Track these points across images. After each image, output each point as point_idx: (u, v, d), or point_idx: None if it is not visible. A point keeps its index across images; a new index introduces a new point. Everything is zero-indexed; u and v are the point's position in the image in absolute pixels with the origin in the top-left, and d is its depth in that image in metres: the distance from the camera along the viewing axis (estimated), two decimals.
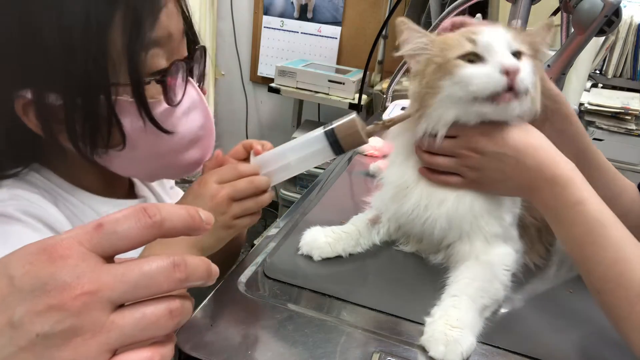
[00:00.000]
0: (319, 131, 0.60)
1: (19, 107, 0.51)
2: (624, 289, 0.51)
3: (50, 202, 0.57)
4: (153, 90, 0.53)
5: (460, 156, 0.62)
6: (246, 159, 0.65)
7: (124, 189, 0.70)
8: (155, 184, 0.78)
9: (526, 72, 0.57)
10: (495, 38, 0.59)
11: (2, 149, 0.56)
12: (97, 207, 0.61)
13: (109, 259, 0.28)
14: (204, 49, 0.62)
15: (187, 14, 0.59)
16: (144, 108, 0.52)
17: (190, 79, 0.58)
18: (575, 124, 0.68)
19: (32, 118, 0.51)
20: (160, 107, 0.54)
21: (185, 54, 0.58)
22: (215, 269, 0.30)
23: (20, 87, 0.50)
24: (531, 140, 0.60)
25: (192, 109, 0.59)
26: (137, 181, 0.74)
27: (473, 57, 0.59)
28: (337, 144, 0.59)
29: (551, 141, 0.61)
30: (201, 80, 0.63)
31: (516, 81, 0.56)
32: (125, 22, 0.49)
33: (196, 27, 0.62)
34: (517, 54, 0.59)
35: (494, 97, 0.57)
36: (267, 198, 0.61)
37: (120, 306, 0.27)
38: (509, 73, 0.56)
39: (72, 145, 0.53)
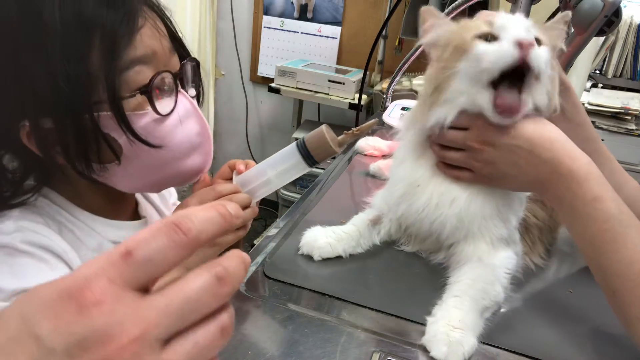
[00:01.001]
0: (292, 145, 0.62)
1: (23, 135, 0.54)
2: None
3: (55, 231, 0.58)
4: (140, 103, 0.55)
5: (472, 149, 0.61)
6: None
7: (130, 209, 0.72)
8: (157, 201, 0.79)
9: (543, 54, 0.56)
10: (512, 20, 0.58)
11: (13, 177, 0.58)
12: (101, 229, 0.63)
13: (144, 289, 0.24)
14: (196, 62, 0.63)
15: (174, 30, 0.61)
16: (124, 122, 0.54)
17: (181, 89, 0.60)
18: (582, 112, 0.68)
19: (34, 144, 0.54)
20: (149, 118, 0.56)
21: (177, 68, 0.60)
22: (248, 259, 0.27)
23: (20, 118, 0.53)
24: (546, 133, 0.58)
25: (187, 117, 0.60)
26: (140, 200, 0.75)
27: (490, 38, 0.58)
28: (310, 156, 0.61)
29: (560, 129, 0.59)
30: (198, 97, 0.65)
31: (530, 55, 0.54)
32: (102, 45, 0.51)
33: (189, 37, 0.63)
34: (536, 41, 0.58)
35: (500, 109, 0.56)
36: (249, 214, 0.64)
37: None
38: (522, 46, 0.54)
39: (70, 164, 0.55)
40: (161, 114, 0.56)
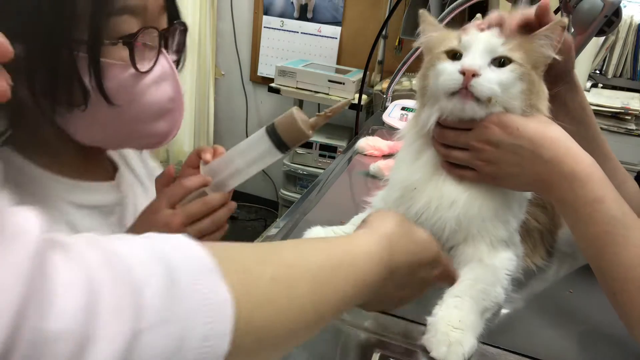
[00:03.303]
0: (262, 131, 0.57)
1: None
2: None
3: None
4: (121, 54, 0.53)
5: (475, 149, 0.61)
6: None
7: (104, 172, 0.68)
8: (139, 170, 0.76)
9: (491, 80, 0.57)
10: (477, 39, 0.59)
11: None
12: (67, 194, 0.59)
13: None
14: (183, 24, 0.61)
15: None
16: (94, 68, 0.52)
17: (163, 50, 0.58)
18: (589, 112, 0.69)
19: None
20: (126, 72, 0.54)
21: (164, 27, 0.58)
22: None
23: None
24: (548, 132, 0.58)
25: (162, 79, 0.58)
26: (121, 164, 0.72)
27: (459, 55, 0.60)
28: (280, 141, 0.56)
29: (565, 129, 0.59)
30: (178, 63, 0.62)
31: (470, 83, 0.57)
32: None
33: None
34: (503, 60, 0.59)
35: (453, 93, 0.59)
36: (223, 214, 0.60)
37: None
38: (465, 73, 0.57)
39: (33, 101, 0.52)
40: (139, 69, 0.54)
